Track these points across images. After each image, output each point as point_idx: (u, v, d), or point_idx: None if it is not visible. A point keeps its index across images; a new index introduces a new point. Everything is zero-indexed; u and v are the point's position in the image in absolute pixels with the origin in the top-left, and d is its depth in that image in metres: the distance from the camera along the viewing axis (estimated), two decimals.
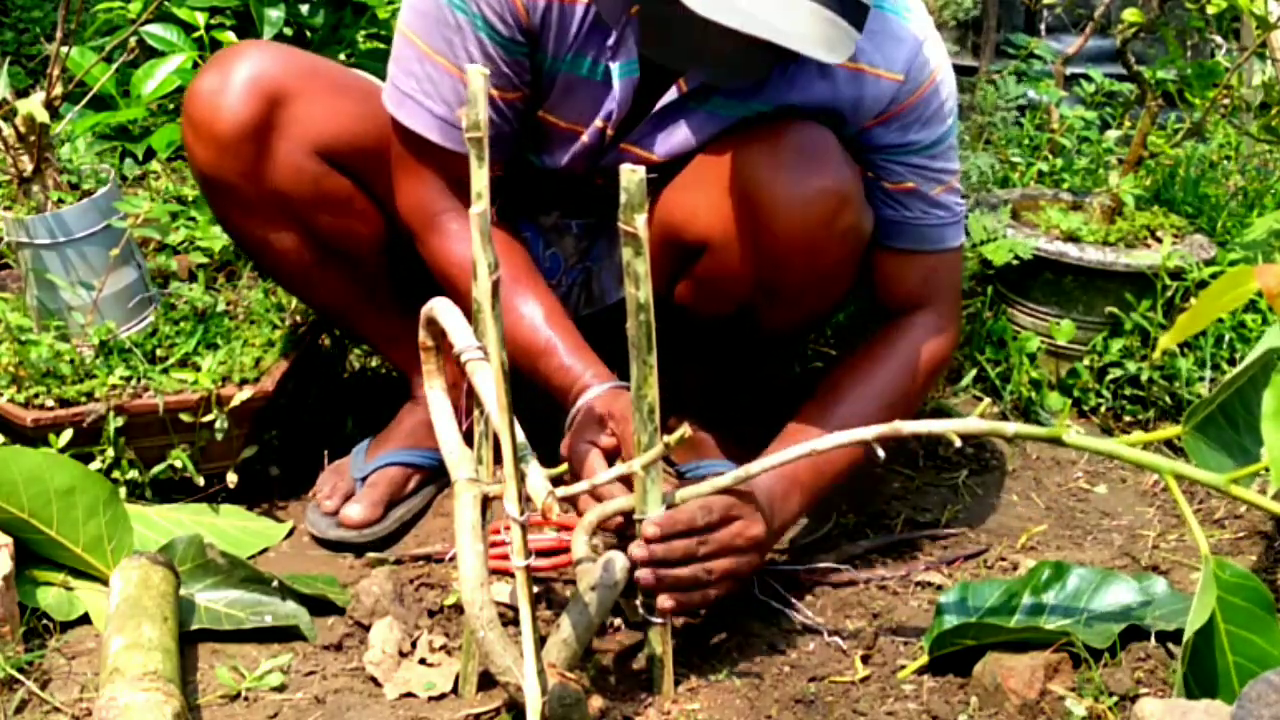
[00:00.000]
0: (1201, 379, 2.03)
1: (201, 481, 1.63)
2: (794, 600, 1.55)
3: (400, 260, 1.66)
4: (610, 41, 1.47)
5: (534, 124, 1.57)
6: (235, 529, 1.65)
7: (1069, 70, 3.02)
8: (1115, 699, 1.31)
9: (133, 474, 1.61)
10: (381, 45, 2.38)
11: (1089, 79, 2.80)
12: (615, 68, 1.48)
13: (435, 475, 1.75)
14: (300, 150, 1.55)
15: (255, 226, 1.60)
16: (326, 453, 1.78)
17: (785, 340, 1.79)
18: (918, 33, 1.52)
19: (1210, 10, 2.12)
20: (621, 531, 1.39)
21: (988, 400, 1.55)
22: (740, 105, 1.52)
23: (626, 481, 1.35)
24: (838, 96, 1.51)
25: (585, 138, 1.55)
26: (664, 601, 1.33)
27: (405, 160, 1.54)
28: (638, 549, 1.31)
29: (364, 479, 1.70)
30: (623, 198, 1.20)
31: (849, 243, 1.50)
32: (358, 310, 1.71)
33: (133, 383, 1.60)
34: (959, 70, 1.62)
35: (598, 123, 1.53)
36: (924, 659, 1.42)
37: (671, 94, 1.51)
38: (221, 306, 1.75)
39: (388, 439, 1.75)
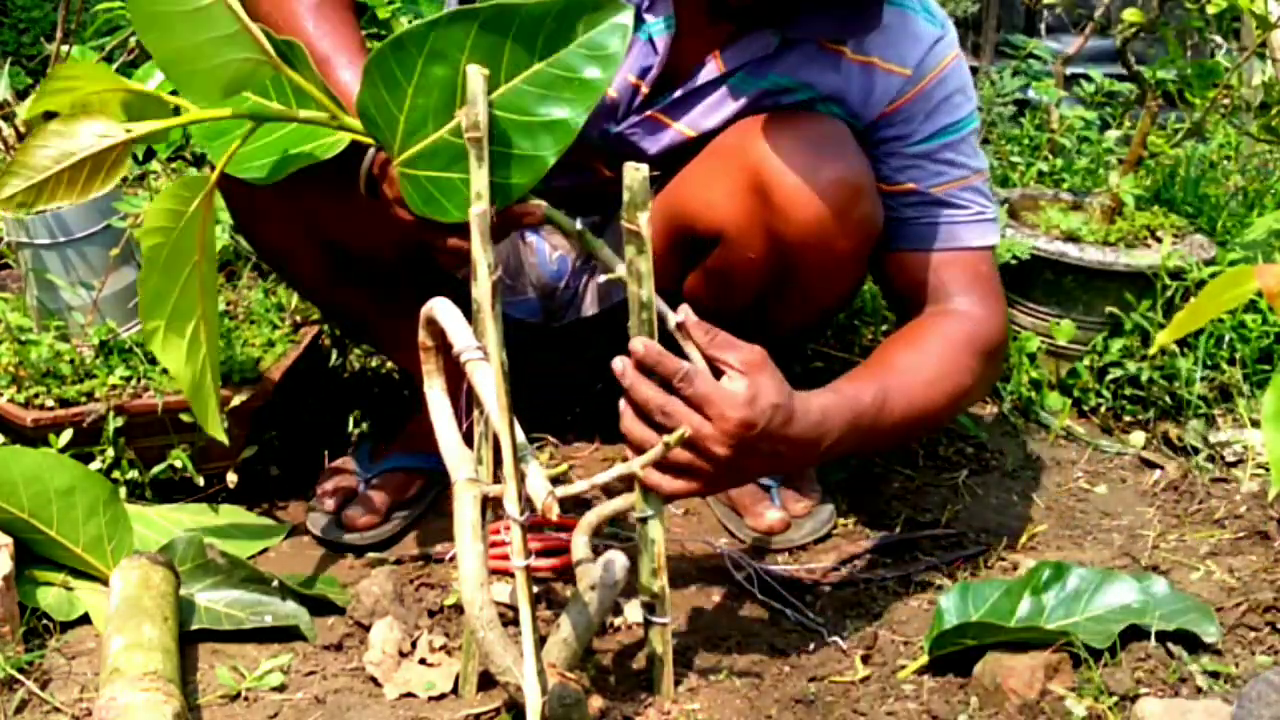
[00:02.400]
0: (1201, 379, 2.04)
1: (201, 481, 1.63)
2: (794, 600, 1.55)
3: (423, 270, 1.66)
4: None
5: None
6: (235, 529, 1.65)
7: (1069, 70, 3.03)
8: (1115, 699, 1.31)
9: (133, 474, 1.61)
10: None
11: (1089, 79, 2.81)
12: (657, 22, 1.48)
13: (439, 481, 1.74)
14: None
15: (283, 240, 1.59)
16: (326, 453, 1.78)
17: (792, 336, 1.79)
18: (934, 31, 1.53)
19: (1210, 10, 2.12)
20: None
21: None
22: (757, 80, 1.52)
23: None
24: (849, 88, 1.52)
25: (615, 94, 1.54)
26: (626, 425, 1.25)
27: None
28: (619, 362, 1.25)
29: (368, 481, 1.70)
30: (625, 195, 1.20)
31: (862, 234, 1.50)
32: (378, 320, 1.71)
33: (133, 383, 1.60)
34: None
35: (631, 78, 1.52)
36: (924, 659, 1.42)
37: (710, 72, 1.52)
38: (221, 306, 1.75)
39: (394, 443, 1.75)
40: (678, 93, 1.55)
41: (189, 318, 1.33)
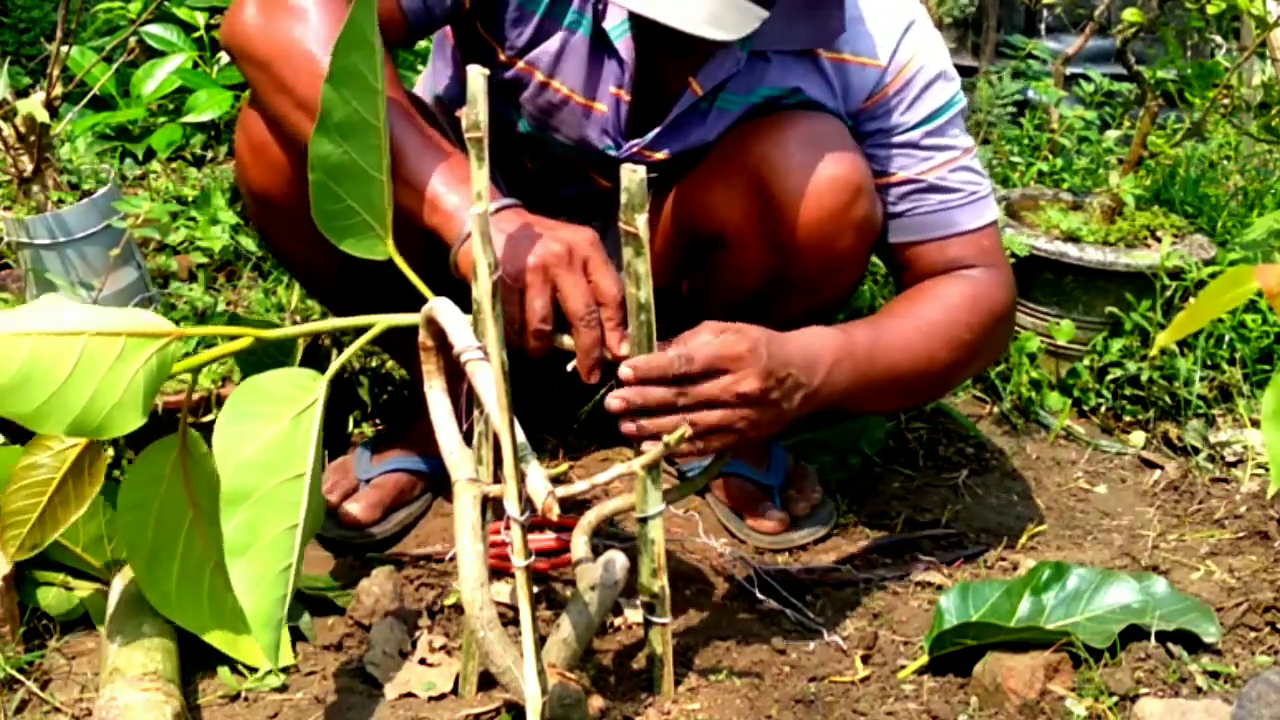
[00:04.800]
0: (1201, 379, 2.03)
1: None
2: (794, 600, 1.55)
3: (439, 278, 1.66)
4: (600, 4, 1.46)
5: (544, 98, 1.55)
6: None
7: (1069, 70, 3.03)
8: (1115, 699, 1.31)
9: None
10: None
11: (1089, 79, 2.81)
12: (616, 27, 1.46)
13: (439, 483, 1.74)
14: None
15: (302, 245, 1.57)
16: (327, 453, 1.77)
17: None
18: (901, 16, 1.52)
19: (1210, 10, 2.13)
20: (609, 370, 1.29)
21: None
22: (746, 96, 1.52)
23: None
24: (830, 86, 1.51)
25: (605, 108, 1.54)
26: (647, 447, 1.26)
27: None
28: (615, 400, 1.26)
29: (369, 481, 1.70)
30: (623, 197, 1.20)
31: (862, 232, 1.50)
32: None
33: None
34: (959, 70, 1.62)
35: (612, 89, 1.52)
36: (924, 659, 1.42)
37: (689, 98, 1.51)
38: (221, 306, 1.75)
39: (395, 444, 1.74)
40: (660, 126, 1.53)
41: (200, 572, 1.36)
